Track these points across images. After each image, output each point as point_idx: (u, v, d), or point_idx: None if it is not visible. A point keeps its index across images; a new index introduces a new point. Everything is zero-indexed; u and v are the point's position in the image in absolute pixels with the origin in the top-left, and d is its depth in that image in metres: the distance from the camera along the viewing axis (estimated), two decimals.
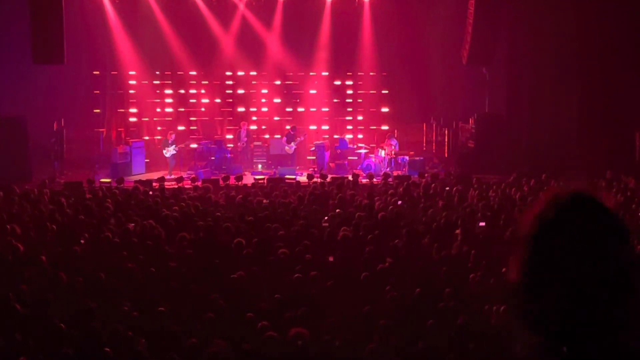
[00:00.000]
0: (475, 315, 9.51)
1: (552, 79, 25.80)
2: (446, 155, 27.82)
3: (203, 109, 28.93)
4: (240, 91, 28.97)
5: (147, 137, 27.92)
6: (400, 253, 12.57)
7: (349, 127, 29.37)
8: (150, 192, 19.09)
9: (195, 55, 28.09)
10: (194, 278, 11.18)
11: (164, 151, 25.65)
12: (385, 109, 29.20)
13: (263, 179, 23.17)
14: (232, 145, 27.47)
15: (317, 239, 13.57)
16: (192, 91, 28.76)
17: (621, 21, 24.51)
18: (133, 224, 14.72)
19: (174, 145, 25.59)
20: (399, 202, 17.69)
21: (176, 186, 20.93)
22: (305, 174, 23.97)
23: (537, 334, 2.04)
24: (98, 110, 27.85)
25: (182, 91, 28.64)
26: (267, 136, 28.63)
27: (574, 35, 25.13)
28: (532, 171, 21.78)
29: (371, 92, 29.23)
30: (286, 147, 26.42)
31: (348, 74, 29.23)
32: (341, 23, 28.40)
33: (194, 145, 26.93)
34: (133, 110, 28.43)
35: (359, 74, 29.11)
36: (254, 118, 28.88)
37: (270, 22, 28.29)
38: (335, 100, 29.25)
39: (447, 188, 19.59)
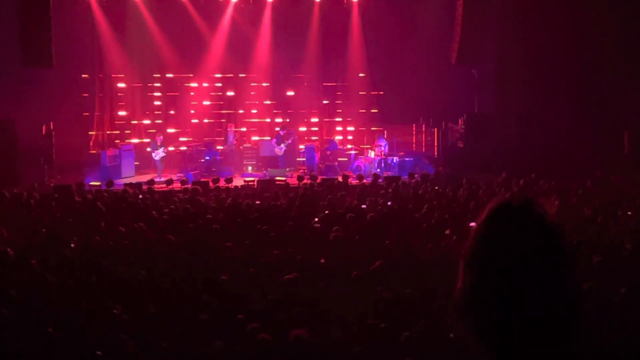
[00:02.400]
0: None
1: (541, 78, 25.88)
2: (436, 156, 27.85)
3: (192, 112, 28.90)
4: (230, 93, 28.96)
5: (136, 140, 27.86)
6: (391, 253, 12.59)
7: (339, 128, 29.41)
8: (140, 195, 19.04)
9: (184, 57, 28.06)
10: (185, 280, 11.17)
11: (153, 154, 25.60)
12: (374, 110, 29.24)
13: (253, 180, 23.16)
14: (221, 147, 27.44)
15: (308, 240, 13.58)
16: (181, 94, 28.71)
17: (610, 21, 24.60)
18: (123, 227, 14.69)
19: (162, 148, 25.53)
20: (389, 203, 17.71)
21: (166, 189, 20.90)
22: (295, 175, 23.97)
23: (478, 342, 2.01)
24: (87, 114, 27.76)
25: (170, 94, 28.61)
26: (256, 138, 28.63)
27: (563, 35, 25.20)
28: (521, 171, 21.83)
29: (360, 93, 29.27)
30: (276, 149, 26.40)
31: (337, 75, 29.26)
32: (330, 24, 28.44)
33: (183, 148, 26.89)
34: (122, 113, 28.37)
35: (349, 75, 29.14)
36: (245, 120, 28.87)
37: (259, 24, 28.28)
38: (324, 102, 29.28)
39: (437, 188, 19.63)
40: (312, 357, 8.29)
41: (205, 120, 28.91)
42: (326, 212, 16.20)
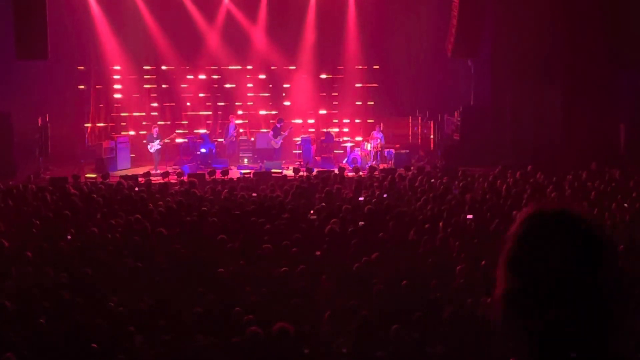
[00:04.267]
0: (461, 306, 9.53)
1: (537, 71, 25.86)
2: (432, 148, 27.85)
3: (188, 104, 28.84)
4: (226, 85, 28.91)
5: (132, 132, 27.82)
6: (387, 246, 12.59)
7: (335, 120, 29.36)
8: (136, 187, 19.02)
9: (180, 49, 27.94)
10: (180, 273, 11.16)
11: (149, 146, 25.56)
12: (371, 102, 29.21)
13: (249, 173, 23.14)
14: (218, 139, 27.38)
15: (304, 232, 13.57)
16: (177, 86, 28.65)
17: (605, 14, 24.58)
18: (119, 220, 14.68)
19: (158, 140, 25.47)
20: (385, 195, 17.71)
21: (162, 181, 20.88)
22: (291, 167, 23.95)
23: (520, 343, 2.06)
24: (83, 106, 27.64)
25: (166, 86, 28.55)
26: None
27: (558, 27, 25.19)
28: (517, 163, 21.84)
29: (357, 85, 29.23)
30: (272, 142, 26.34)
31: (334, 67, 29.22)
32: (326, 16, 28.34)
33: (179, 140, 26.84)
34: (118, 105, 28.30)
35: (345, 67, 29.10)
36: (240, 112, 28.83)
37: (255, 15, 28.23)
38: (321, 94, 29.24)
39: (433, 181, 19.64)
40: (297, 348, 8.29)
41: (203, 113, 28.84)
42: (322, 204, 16.19)
